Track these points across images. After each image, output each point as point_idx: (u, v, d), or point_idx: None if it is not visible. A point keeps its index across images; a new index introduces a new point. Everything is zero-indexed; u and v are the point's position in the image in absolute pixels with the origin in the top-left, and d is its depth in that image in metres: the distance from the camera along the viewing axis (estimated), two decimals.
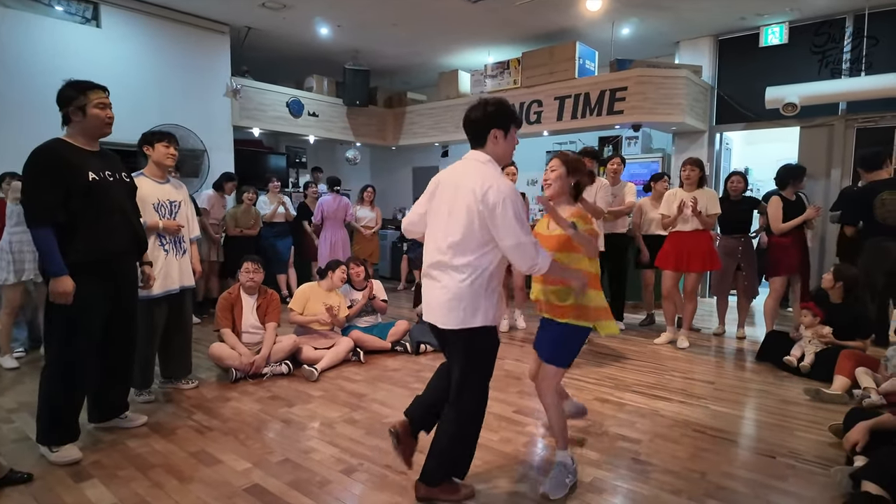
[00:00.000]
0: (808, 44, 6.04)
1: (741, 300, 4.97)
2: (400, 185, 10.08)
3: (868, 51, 5.64)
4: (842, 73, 5.61)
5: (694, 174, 4.52)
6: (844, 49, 5.55)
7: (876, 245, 4.22)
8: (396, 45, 7.20)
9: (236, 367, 3.65)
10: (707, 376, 3.90)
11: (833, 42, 5.58)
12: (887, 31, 5.57)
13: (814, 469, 2.50)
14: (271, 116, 7.10)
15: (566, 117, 6.53)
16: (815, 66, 5.99)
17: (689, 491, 2.30)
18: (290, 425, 2.98)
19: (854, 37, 5.61)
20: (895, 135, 5.47)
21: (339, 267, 4.36)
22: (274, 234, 6.35)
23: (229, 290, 3.98)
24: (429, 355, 4.33)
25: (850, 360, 3.49)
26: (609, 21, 6.23)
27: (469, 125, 2.11)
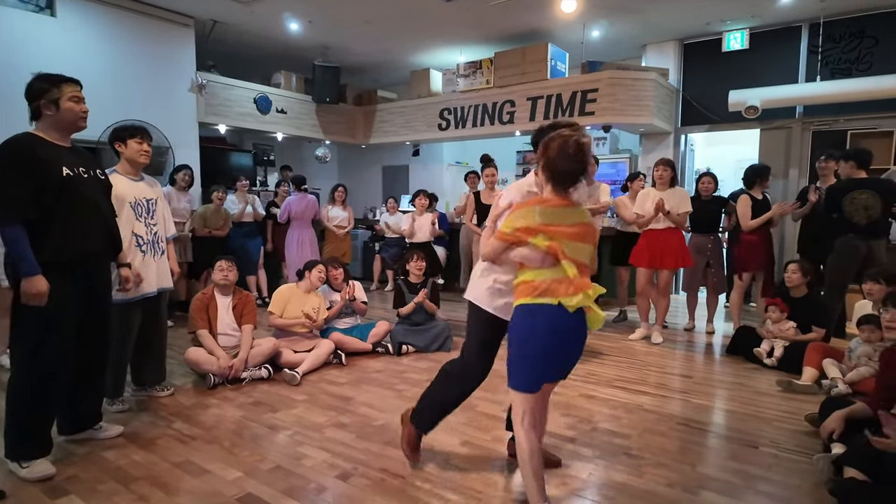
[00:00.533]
0: (768, 49, 6.31)
1: (710, 296, 5.15)
2: (369, 184, 9.97)
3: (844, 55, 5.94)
4: (850, 72, 5.72)
5: (666, 174, 4.65)
6: (847, 49, 5.70)
7: (847, 243, 4.31)
8: (368, 42, 7.11)
9: (214, 371, 3.52)
10: (684, 370, 4.02)
11: (833, 42, 5.75)
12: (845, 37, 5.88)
13: (794, 457, 2.61)
14: (238, 113, 6.90)
15: (539, 118, 6.60)
16: (775, 69, 6.26)
17: (683, 483, 2.36)
18: (276, 431, 2.89)
19: (852, 38, 5.78)
20: (847, 137, 5.77)
21: (315, 266, 4.27)
22: (243, 235, 6.16)
23: (203, 291, 3.83)
24: (411, 356, 4.29)
25: (818, 352, 3.67)
26: (580, 23, 6.34)
27: None
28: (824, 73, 5.92)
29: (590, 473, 2.44)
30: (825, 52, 5.82)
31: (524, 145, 8.56)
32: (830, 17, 5.81)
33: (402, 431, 2.54)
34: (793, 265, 4.12)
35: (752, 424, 3.01)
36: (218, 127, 6.80)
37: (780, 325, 4.01)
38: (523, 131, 6.98)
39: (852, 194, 4.26)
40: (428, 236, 5.49)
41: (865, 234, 4.25)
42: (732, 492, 2.30)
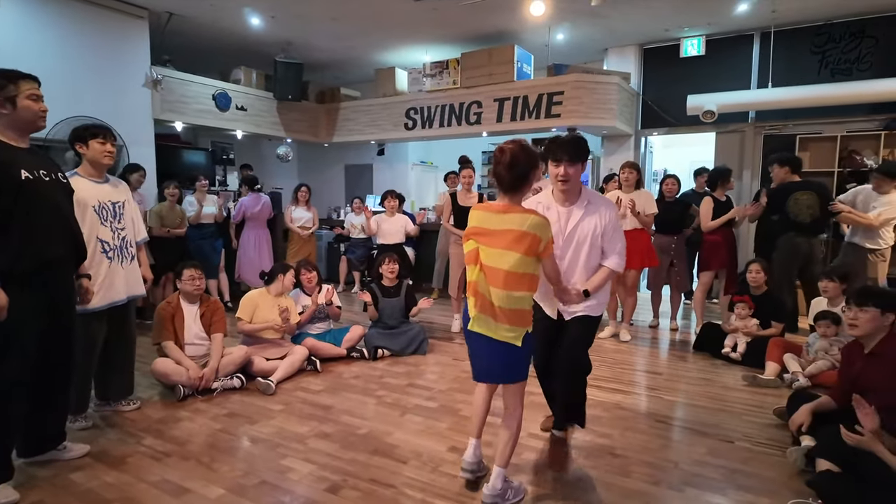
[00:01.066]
0: (722, 55, 6.58)
1: (673, 294, 5.33)
2: (332, 184, 9.79)
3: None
4: (850, 72, 5.87)
5: (632, 176, 4.78)
6: (847, 50, 5.85)
7: (789, 241, 4.64)
8: (332, 39, 6.97)
9: (183, 383, 3.36)
10: (654, 367, 4.14)
11: (833, 42, 5.90)
12: (790, 46, 6.20)
13: (768, 451, 2.73)
14: (196, 109, 6.62)
15: (506, 119, 6.65)
16: (729, 75, 6.53)
17: (668, 481, 2.43)
18: (257, 444, 2.79)
19: (852, 39, 5.86)
20: (796, 141, 6.09)
21: (289, 271, 4.15)
22: (202, 236, 5.92)
23: (167, 300, 3.65)
24: (386, 360, 4.24)
25: (779, 347, 3.85)
26: (545, 26, 6.41)
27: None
28: (817, 76, 6.09)
29: (579, 479, 2.47)
30: (828, 53, 5.96)
31: (490, 146, 8.60)
32: (780, 26, 6.11)
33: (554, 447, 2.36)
34: (755, 265, 4.32)
35: (724, 419, 3.13)
36: (174, 124, 6.50)
37: (745, 321, 4.20)
38: (490, 132, 7.02)
39: (795, 195, 4.57)
40: (402, 238, 5.44)
41: (808, 232, 4.57)
42: (715, 487, 2.38)
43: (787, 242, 4.65)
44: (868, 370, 2.54)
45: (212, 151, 7.72)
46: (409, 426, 2.99)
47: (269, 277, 4.12)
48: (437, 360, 4.24)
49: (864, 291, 2.67)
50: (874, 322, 2.54)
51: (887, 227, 4.59)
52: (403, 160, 9.09)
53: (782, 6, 5.63)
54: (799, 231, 4.59)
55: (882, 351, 2.51)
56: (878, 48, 5.38)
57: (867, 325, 2.55)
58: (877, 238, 4.57)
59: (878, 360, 2.50)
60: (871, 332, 2.56)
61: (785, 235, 4.67)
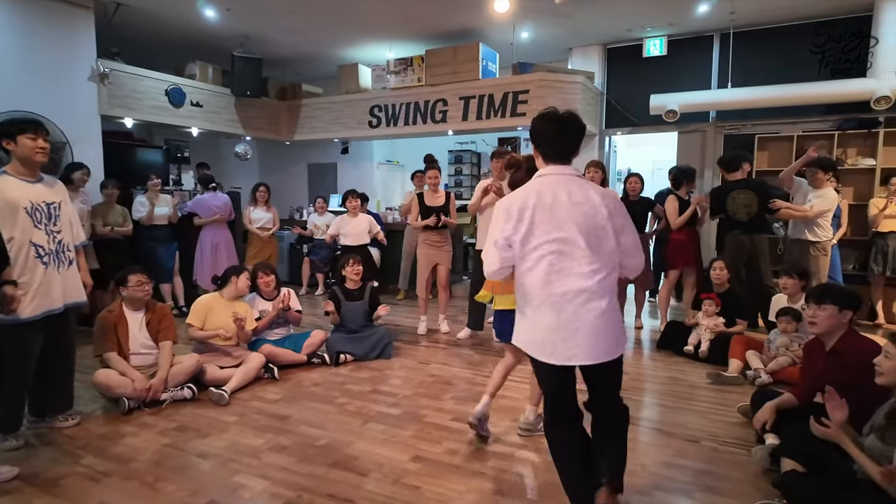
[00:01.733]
0: (683, 56, 6.67)
1: (638, 293, 5.35)
2: (294, 183, 9.52)
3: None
4: (850, 71, 5.74)
5: (597, 176, 4.76)
6: (847, 50, 5.73)
7: (733, 238, 4.73)
8: (291, 33, 6.75)
9: (128, 395, 3.15)
10: None
11: (833, 41, 5.81)
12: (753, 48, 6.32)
13: (733, 450, 2.72)
14: (147, 106, 6.30)
15: (471, 117, 6.58)
16: (690, 76, 6.62)
17: (636, 484, 2.38)
18: (207, 459, 2.61)
19: (852, 39, 5.69)
20: (755, 141, 6.21)
21: (242, 273, 3.97)
22: (155, 239, 5.64)
23: (109, 309, 3.41)
24: (350, 365, 4.09)
25: (741, 344, 3.89)
26: (510, 24, 6.36)
27: (576, 137, 2.01)
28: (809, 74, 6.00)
29: (545, 482, 2.40)
30: (827, 53, 5.90)
31: (456, 145, 8.54)
32: (738, 28, 6.22)
33: None
34: (719, 262, 4.35)
35: (690, 418, 3.12)
36: (124, 120, 6.18)
37: (712, 318, 4.22)
38: (456, 131, 6.93)
39: (733, 194, 4.68)
40: (366, 238, 5.28)
41: (748, 229, 4.66)
42: (683, 490, 2.35)
43: (732, 239, 4.74)
44: (829, 368, 2.55)
45: (166, 149, 7.38)
46: (371, 435, 2.87)
47: (222, 281, 3.92)
48: (403, 365, 4.12)
49: (823, 289, 2.69)
50: (833, 319, 2.55)
51: (824, 219, 4.70)
52: (369, 159, 8.92)
53: (740, 8, 5.72)
54: (741, 229, 4.68)
55: (842, 349, 2.52)
56: (879, 48, 5.35)
57: (826, 323, 2.56)
58: (816, 231, 4.69)
59: (839, 357, 2.51)
60: (830, 330, 2.57)
61: (730, 233, 4.76)
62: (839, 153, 5.87)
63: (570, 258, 1.86)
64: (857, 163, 5.81)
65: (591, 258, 1.86)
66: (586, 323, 1.85)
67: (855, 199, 5.82)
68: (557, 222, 1.87)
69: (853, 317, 2.56)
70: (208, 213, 5.93)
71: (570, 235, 1.86)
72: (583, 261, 1.86)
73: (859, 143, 5.87)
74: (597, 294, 1.86)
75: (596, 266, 1.86)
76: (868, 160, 5.76)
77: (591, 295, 1.85)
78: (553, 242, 1.87)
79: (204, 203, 5.95)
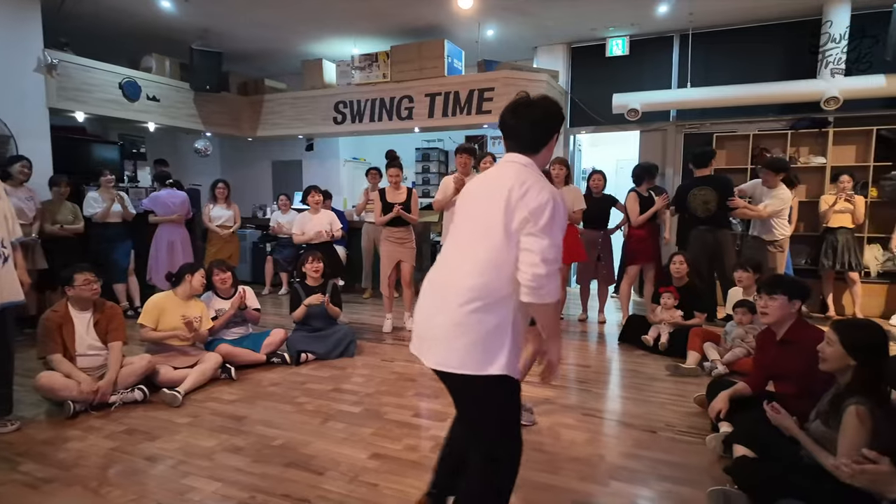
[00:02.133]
0: (645, 56, 6.79)
1: (601, 288, 5.42)
2: (258, 180, 9.32)
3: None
4: (850, 71, 5.70)
5: (562, 172, 4.80)
6: (849, 49, 5.59)
7: (697, 234, 4.83)
8: (253, 27, 6.59)
9: (74, 398, 3.00)
10: (582, 360, 4.16)
11: (833, 42, 5.63)
12: (713, 48, 6.48)
13: (689, 439, 2.76)
14: (100, 99, 6.05)
15: (437, 115, 6.55)
16: (652, 76, 6.75)
17: (594, 476, 2.39)
18: (155, 463, 2.51)
19: (853, 38, 5.55)
20: (713, 139, 6.37)
21: (197, 271, 3.83)
22: (108, 237, 5.42)
23: (53, 309, 3.25)
24: (311, 364, 4.01)
25: (699, 336, 3.97)
26: (475, 22, 6.36)
27: (519, 127, 1.71)
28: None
29: None
30: (827, 53, 5.67)
31: (423, 142, 8.50)
32: (697, 29, 6.37)
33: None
34: (678, 257, 4.44)
35: (649, 409, 3.17)
36: (75, 114, 5.92)
37: (671, 311, 4.30)
38: (422, 128, 6.88)
39: (693, 191, 4.78)
40: (323, 237, 5.18)
41: (709, 225, 4.76)
42: (639, 479, 2.37)
43: (695, 236, 4.84)
44: (781, 357, 2.63)
45: (121, 145, 7.12)
46: (330, 434, 2.81)
47: (177, 279, 3.78)
48: (366, 363, 4.07)
49: (773, 280, 2.76)
50: (783, 309, 2.62)
51: (779, 218, 4.86)
52: (334, 156, 8.80)
53: (698, 10, 5.85)
54: (704, 225, 4.78)
55: (792, 338, 2.59)
56: (879, 48, 5.46)
57: (777, 313, 2.64)
58: (772, 230, 4.85)
59: (790, 347, 2.59)
60: (780, 319, 2.64)
61: (694, 230, 4.85)
62: (792, 151, 6.08)
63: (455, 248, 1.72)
64: (809, 161, 6.02)
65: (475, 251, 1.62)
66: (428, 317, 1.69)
67: (807, 196, 6.03)
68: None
69: (802, 307, 2.64)
70: (165, 211, 5.74)
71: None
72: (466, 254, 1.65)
73: (811, 142, 6.09)
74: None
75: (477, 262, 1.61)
76: (819, 158, 5.97)
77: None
78: None
79: (160, 200, 5.76)
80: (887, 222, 5.63)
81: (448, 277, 1.67)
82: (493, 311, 1.57)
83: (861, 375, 1.96)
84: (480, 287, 1.57)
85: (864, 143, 5.84)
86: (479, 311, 1.56)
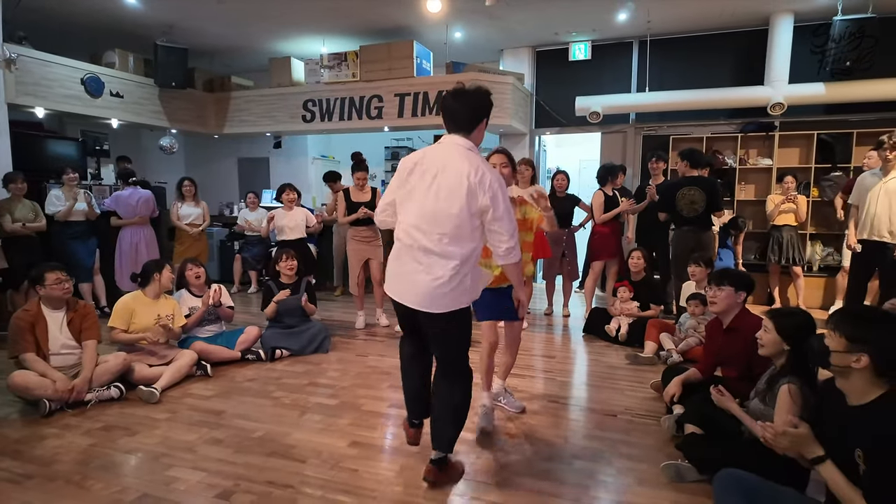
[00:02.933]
0: (606, 61, 7.07)
1: (565, 283, 5.66)
2: (223, 178, 9.22)
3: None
4: (851, 71, 5.65)
5: (528, 173, 4.99)
6: (848, 50, 5.50)
7: (681, 234, 4.85)
8: (219, 23, 6.55)
9: (49, 396, 3.01)
10: (548, 352, 4.38)
11: (833, 42, 5.59)
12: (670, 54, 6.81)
13: (646, 421, 2.99)
14: (60, 95, 5.92)
15: (407, 114, 6.66)
16: (612, 79, 7.03)
17: (559, 455, 2.58)
18: (137, 456, 2.57)
19: (851, 39, 5.44)
20: (670, 141, 6.70)
21: (164, 267, 3.78)
22: (71, 237, 5.33)
23: (25, 308, 3.24)
24: (285, 360, 4.08)
25: (655, 327, 4.23)
26: (443, 24, 6.50)
27: (461, 110, 2.13)
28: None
29: (476, 461, 2.54)
30: (828, 53, 5.69)
31: (392, 141, 8.59)
32: (655, 36, 6.68)
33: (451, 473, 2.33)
34: (636, 252, 4.69)
35: (609, 395, 3.39)
36: (34, 110, 5.78)
37: (626, 304, 4.55)
38: (392, 127, 6.98)
39: (682, 190, 4.82)
40: (303, 233, 5.22)
41: (693, 226, 4.78)
42: (600, 457, 2.57)
43: (679, 235, 4.85)
44: (727, 344, 2.88)
45: (82, 142, 6.95)
46: (309, 426, 2.91)
47: (143, 279, 3.75)
48: (340, 358, 4.17)
49: (721, 273, 3.01)
50: (730, 299, 2.87)
51: None
52: (303, 153, 8.80)
53: (656, 17, 6.15)
54: (688, 225, 4.78)
55: (737, 326, 2.84)
56: (879, 48, 5.47)
57: (724, 302, 2.88)
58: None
59: (734, 334, 2.83)
60: (727, 308, 2.89)
61: (679, 230, 4.86)
62: (742, 153, 6.46)
63: (416, 218, 2.14)
64: (757, 162, 6.41)
65: (441, 227, 2.07)
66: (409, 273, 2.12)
67: (755, 196, 6.43)
68: (424, 182, 2.12)
69: (747, 297, 2.90)
70: (127, 211, 5.67)
71: (427, 198, 2.11)
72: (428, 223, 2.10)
73: (759, 144, 6.48)
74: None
75: (442, 232, 2.07)
76: (766, 160, 6.37)
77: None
78: None
79: (122, 200, 5.69)
80: (827, 220, 6.08)
81: (424, 243, 2.08)
82: (462, 269, 2.09)
83: (792, 358, 2.20)
84: (452, 253, 2.07)
85: (806, 146, 6.27)
86: (455, 269, 2.07)
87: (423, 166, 2.13)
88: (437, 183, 2.07)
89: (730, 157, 6.50)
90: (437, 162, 2.09)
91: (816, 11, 5.89)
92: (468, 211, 2.03)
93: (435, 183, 2.07)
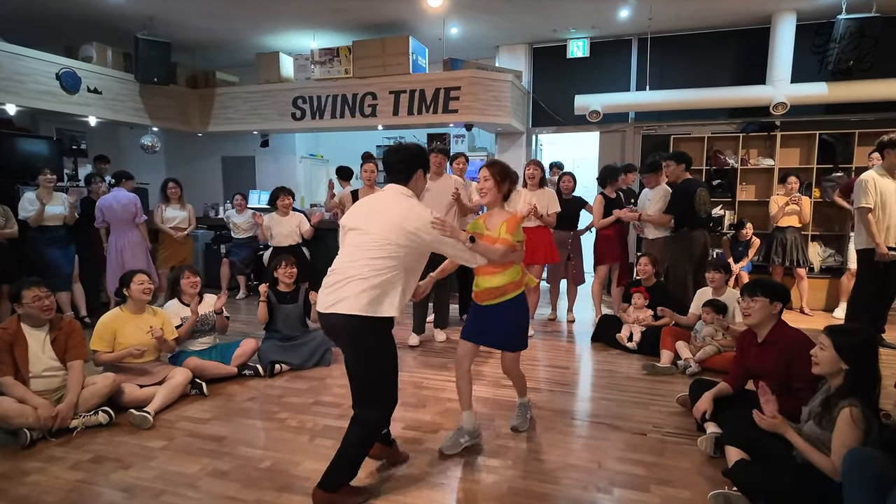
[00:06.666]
0: (605, 58, 6.93)
1: (570, 287, 5.50)
2: (207, 177, 8.87)
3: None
4: (851, 71, 5.61)
5: (537, 174, 4.83)
6: (848, 50, 5.44)
7: (698, 235, 4.58)
8: (202, 16, 6.23)
9: (30, 425, 2.73)
10: (559, 362, 4.21)
11: (834, 42, 5.53)
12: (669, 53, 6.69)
13: (678, 440, 2.83)
14: (34, 90, 5.56)
15: (402, 112, 6.44)
16: (611, 78, 6.90)
17: (596, 483, 2.41)
18: (134, 494, 2.32)
19: (851, 39, 5.40)
20: (670, 141, 6.59)
21: (133, 277, 3.43)
22: (49, 241, 5.00)
23: (3, 326, 2.94)
24: (285, 376, 3.84)
25: (670, 335, 4.09)
26: (440, 19, 6.29)
27: (397, 164, 2.37)
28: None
29: (508, 487, 2.36)
30: (828, 53, 5.64)
31: (385, 139, 8.34)
32: (655, 33, 6.56)
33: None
34: (644, 258, 4.55)
35: (633, 411, 3.23)
36: (5, 107, 5.41)
37: (640, 311, 4.41)
38: (386, 125, 6.75)
39: (699, 191, 4.58)
40: (298, 238, 4.97)
41: (704, 227, 4.64)
42: (639, 484, 2.40)
43: (695, 237, 4.57)
44: (761, 357, 2.74)
45: (58, 140, 6.57)
46: (321, 452, 2.69)
47: (119, 295, 3.46)
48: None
49: (754, 283, 2.86)
50: (764, 310, 2.73)
51: None
52: (290, 152, 8.50)
53: (657, 15, 6.03)
54: (703, 226, 4.60)
55: (773, 339, 2.70)
56: (879, 48, 5.46)
57: (759, 314, 2.74)
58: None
59: (770, 347, 2.70)
60: (762, 320, 2.75)
61: (694, 231, 4.57)
62: (743, 153, 6.38)
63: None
64: (759, 163, 6.34)
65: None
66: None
67: (756, 197, 6.36)
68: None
69: (783, 308, 2.76)
70: (111, 215, 5.33)
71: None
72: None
73: (760, 144, 6.42)
74: None
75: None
76: (768, 160, 6.31)
77: None
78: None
79: (105, 204, 5.34)
80: (829, 221, 6.03)
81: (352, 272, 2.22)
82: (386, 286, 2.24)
83: (852, 378, 2.06)
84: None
85: (807, 146, 6.22)
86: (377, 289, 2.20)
87: (369, 208, 2.35)
88: (372, 223, 2.27)
89: (731, 158, 6.41)
90: (377, 203, 2.34)
91: (819, 10, 5.83)
92: (396, 240, 2.21)
93: (370, 223, 2.27)
